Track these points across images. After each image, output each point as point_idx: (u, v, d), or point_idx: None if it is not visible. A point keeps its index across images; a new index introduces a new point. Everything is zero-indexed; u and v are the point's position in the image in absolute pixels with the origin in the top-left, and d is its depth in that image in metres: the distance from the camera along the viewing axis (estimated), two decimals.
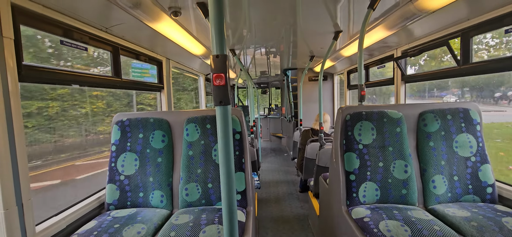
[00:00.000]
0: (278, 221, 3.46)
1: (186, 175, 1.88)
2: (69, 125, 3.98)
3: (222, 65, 0.95)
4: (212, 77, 0.97)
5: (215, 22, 0.93)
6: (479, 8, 1.89)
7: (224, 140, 1.00)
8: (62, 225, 1.57)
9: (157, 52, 2.94)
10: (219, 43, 0.95)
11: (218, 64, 0.95)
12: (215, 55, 0.95)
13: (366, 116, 1.88)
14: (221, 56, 0.95)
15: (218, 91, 0.97)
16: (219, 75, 0.96)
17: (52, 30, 1.62)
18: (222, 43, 0.95)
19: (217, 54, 0.95)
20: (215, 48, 0.95)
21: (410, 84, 3.14)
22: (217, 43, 0.95)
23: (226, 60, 0.96)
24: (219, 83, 0.96)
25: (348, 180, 1.83)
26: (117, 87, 2.32)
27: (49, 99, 3.55)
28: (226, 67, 0.96)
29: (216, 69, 0.96)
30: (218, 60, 0.95)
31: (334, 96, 6.17)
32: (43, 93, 3.45)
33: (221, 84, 0.96)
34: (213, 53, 0.96)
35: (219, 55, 0.95)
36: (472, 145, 1.82)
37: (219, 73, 0.96)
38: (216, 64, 0.96)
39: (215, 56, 0.95)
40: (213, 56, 0.95)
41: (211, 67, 0.96)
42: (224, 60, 0.96)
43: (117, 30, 2.11)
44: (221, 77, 0.96)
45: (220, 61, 0.95)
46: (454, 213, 1.58)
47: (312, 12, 2.43)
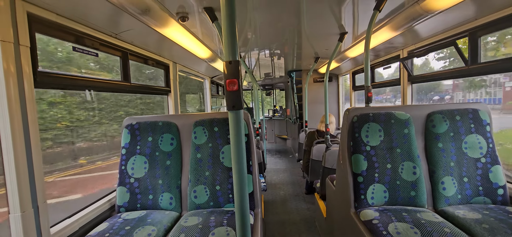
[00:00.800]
0: (284, 223, 3.46)
1: (194, 177, 1.90)
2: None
3: (235, 71, 0.97)
4: (225, 82, 0.99)
5: (227, 29, 0.96)
6: (487, 7, 1.89)
7: (236, 144, 1.02)
8: (75, 227, 1.61)
9: (164, 56, 2.98)
10: (231, 50, 0.97)
11: (231, 70, 0.97)
12: (228, 61, 0.97)
13: (373, 118, 1.88)
14: (234, 62, 0.97)
15: (231, 96, 0.99)
16: (233, 81, 0.98)
17: (65, 37, 1.66)
18: (235, 49, 0.97)
19: (230, 60, 0.97)
20: (228, 54, 0.97)
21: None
22: (229, 50, 0.97)
23: (239, 65, 0.98)
24: (232, 88, 0.98)
25: (356, 182, 1.83)
26: (126, 91, 2.36)
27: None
28: (239, 72, 0.98)
29: (229, 75, 0.98)
30: (231, 66, 0.97)
31: (339, 97, 6.16)
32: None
33: (234, 89, 0.98)
34: (225, 59, 0.98)
35: (232, 61, 0.97)
36: (482, 146, 1.80)
37: (232, 79, 0.98)
38: (229, 70, 0.98)
39: (228, 62, 0.97)
40: (226, 62, 0.97)
41: (224, 73, 0.98)
42: (237, 66, 0.98)
43: (126, 35, 2.15)
44: (234, 83, 0.98)
45: (233, 67, 0.97)
46: (465, 215, 1.57)
47: (317, 14, 2.44)
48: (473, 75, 2.24)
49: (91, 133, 6.49)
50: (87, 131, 6.39)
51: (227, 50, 0.97)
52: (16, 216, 1.27)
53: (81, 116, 6.29)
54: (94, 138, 6.59)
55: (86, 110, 6.41)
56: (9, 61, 1.24)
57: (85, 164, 6.35)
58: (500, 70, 2.01)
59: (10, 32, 1.24)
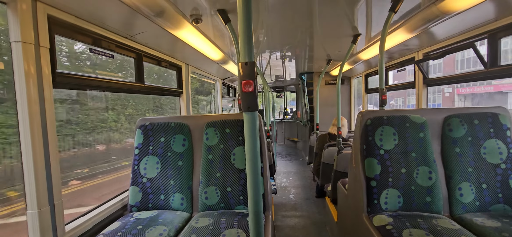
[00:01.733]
0: (295, 227, 3.43)
1: (205, 178, 1.91)
2: None
3: (250, 72, 0.98)
4: (240, 84, 0.99)
5: (244, 30, 0.96)
6: (508, 8, 1.82)
7: (251, 145, 1.02)
8: (89, 225, 1.65)
9: (177, 57, 3.03)
10: (248, 51, 0.97)
11: (247, 71, 0.98)
12: (244, 62, 0.97)
13: (388, 121, 1.84)
14: (250, 63, 0.97)
15: (247, 97, 0.99)
16: (248, 82, 0.98)
17: (83, 39, 1.71)
18: (251, 50, 0.97)
19: (246, 61, 0.97)
20: (243, 55, 0.98)
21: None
22: (246, 50, 0.97)
23: (255, 66, 0.98)
24: (248, 89, 0.98)
25: (369, 186, 1.80)
26: (140, 92, 2.40)
27: None
28: (254, 73, 0.98)
29: (245, 76, 0.98)
30: (247, 67, 0.97)
31: (351, 99, 6.07)
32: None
33: (250, 90, 0.98)
34: (241, 60, 0.98)
35: (248, 62, 0.97)
36: (501, 152, 1.73)
37: (248, 80, 0.98)
38: (245, 71, 0.98)
39: (244, 63, 0.97)
40: (242, 63, 0.98)
41: (240, 74, 0.99)
42: (252, 67, 0.98)
43: (141, 37, 2.19)
44: (250, 84, 0.98)
45: (249, 68, 0.97)
46: (483, 222, 1.51)
47: (330, 15, 2.41)
48: (493, 78, 2.16)
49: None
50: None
51: (243, 51, 0.97)
52: (33, 213, 1.31)
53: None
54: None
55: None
56: (29, 62, 1.28)
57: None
58: None
59: (31, 34, 1.28)
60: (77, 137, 5.26)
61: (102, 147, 5.83)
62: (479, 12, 1.91)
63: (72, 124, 5.07)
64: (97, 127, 5.83)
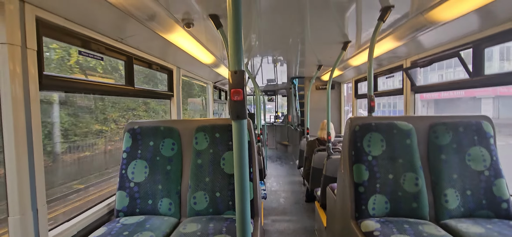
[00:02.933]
0: (284, 232, 3.44)
1: (194, 183, 1.90)
2: None
3: (240, 81, 0.98)
4: (229, 92, 0.99)
5: (233, 39, 0.96)
6: (492, 20, 1.89)
7: (239, 153, 1.02)
8: (73, 231, 1.61)
9: (168, 61, 3.00)
10: (237, 59, 0.97)
11: (236, 80, 0.98)
12: (233, 71, 0.98)
13: (376, 128, 1.87)
14: (239, 71, 0.98)
15: (235, 106, 0.99)
16: (237, 91, 0.98)
17: (72, 41, 1.68)
18: (240, 59, 0.98)
19: (235, 70, 0.98)
20: (233, 64, 0.98)
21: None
22: (235, 60, 0.97)
23: (244, 75, 0.99)
24: (237, 98, 0.98)
25: (357, 192, 1.82)
26: (130, 95, 2.37)
27: None
28: (243, 82, 0.99)
29: (234, 85, 0.98)
30: (236, 76, 0.98)
31: (341, 105, 6.15)
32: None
33: (239, 99, 0.99)
34: (231, 69, 0.98)
35: (237, 71, 0.98)
36: (485, 159, 1.79)
37: (237, 89, 0.98)
38: (234, 79, 0.98)
39: (233, 72, 0.98)
40: (231, 72, 0.98)
41: (229, 83, 0.99)
42: (242, 76, 0.98)
43: (132, 40, 2.17)
44: (239, 93, 0.98)
45: (238, 76, 0.98)
46: (468, 229, 1.55)
47: (321, 22, 2.45)
48: (477, 87, 2.23)
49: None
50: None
51: (233, 60, 0.97)
52: (15, 219, 1.27)
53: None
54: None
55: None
56: (15, 63, 1.25)
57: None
58: (504, 83, 2.01)
59: (18, 36, 1.25)
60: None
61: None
62: (464, 22, 1.97)
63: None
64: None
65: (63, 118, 5.25)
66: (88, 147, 6.12)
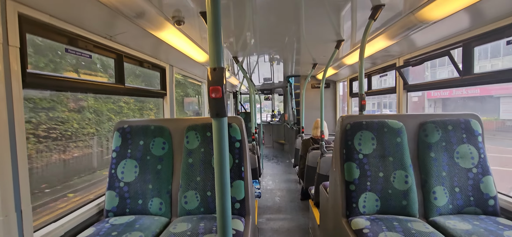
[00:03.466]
0: (278, 230, 3.44)
1: (185, 182, 1.88)
2: None
3: (219, 78, 0.96)
4: (208, 89, 0.98)
5: (213, 35, 0.95)
6: (481, 19, 1.89)
7: (220, 152, 1.01)
8: (60, 232, 1.58)
9: (161, 59, 2.98)
10: (216, 56, 0.96)
11: (215, 77, 0.96)
12: (212, 68, 0.96)
13: (366, 126, 1.87)
14: (218, 68, 0.96)
15: (214, 103, 0.98)
16: (216, 88, 0.97)
17: (58, 39, 1.65)
18: (220, 56, 0.96)
19: (214, 67, 0.96)
20: (212, 61, 0.96)
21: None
22: (214, 56, 0.96)
23: (223, 72, 0.97)
24: (216, 95, 0.97)
25: (348, 190, 1.82)
26: (121, 94, 2.35)
27: None
28: (222, 79, 0.97)
29: (213, 82, 0.97)
30: (215, 73, 0.96)
31: (336, 103, 6.16)
32: None
33: (217, 96, 0.97)
34: (210, 65, 0.97)
35: (216, 68, 0.96)
36: (473, 156, 1.80)
37: (216, 86, 0.97)
38: (213, 76, 0.96)
39: (212, 69, 0.96)
40: (210, 68, 0.96)
41: (208, 80, 0.97)
42: (221, 73, 0.96)
43: (121, 38, 2.14)
44: (218, 90, 0.97)
45: (217, 74, 0.96)
46: (455, 225, 1.56)
47: (315, 20, 2.44)
48: (467, 86, 2.24)
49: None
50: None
51: (212, 56, 0.96)
52: None
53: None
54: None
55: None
56: None
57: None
58: (494, 81, 2.01)
59: None
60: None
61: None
62: (454, 22, 1.98)
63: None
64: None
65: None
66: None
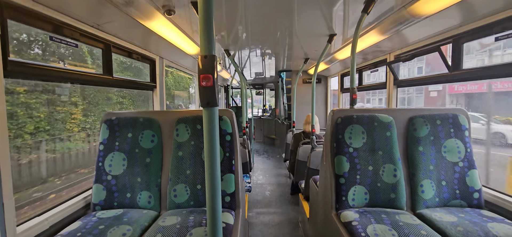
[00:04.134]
0: (269, 224, 3.45)
1: (175, 176, 1.86)
2: None
3: (210, 66, 0.94)
4: (199, 77, 0.95)
5: (204, 22, 0.92)
6: (470, 15, 1.92)
7: (210, 142, 0.99)
8: (45, 226, 1.53)
9: (150, 50, 2.91)
10: (207, 43, 0.94)
11: (206, 65, 0.94)
12: (203, 55, 0.94)
13: (357, 120, 1.88)
14: (210, 56, 0.94)
15: (205, 92, 0.96)
16: (207, 76, 0.94)
17: (41, 26, 1.59)
18: (211, 43, 0.94)
19: (205, 54, 0.94)
20: (203, 48, 0.94)
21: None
22: (205, 43, 0.93)
23: (215, 60, 0.95)
24: (207, 84, 0.95)
25: (338, 183, 1.83)
26: (108, 85, 2.29)
27: None
28: (214, 68, 0.95)
29: (204, 70, 0.94)
30: (206, 61, 0.94)
31: (327, 98, 6.20)
32: None
33: (208, 85, 0.95)
34: (201, 53, 0.94)
35: (207, 55, 0.94)
36: (460, 151, 1.84)
37: (207, 74, 0.94)
38: (204, 64, 0.94)
39: (203, 57, 0.94)
40: (201, 56, 0.94)
41: (199, 68, 0.95)
42: (212, 61, 0.94)
43: (109, 27, 2.08)
44: (209, 78, 0.95)
45: (208, 61, 0.94)
46: (441, 218, 1.60)
47: (307, 14, 2.43)
48: (456, 81, 2.28)
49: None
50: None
51: (203, 43, 0.93)
52: None
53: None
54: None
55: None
56: None
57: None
58: (481, 77, 2.05)
59: None
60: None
61: None
62: (445, 17, 2.00)
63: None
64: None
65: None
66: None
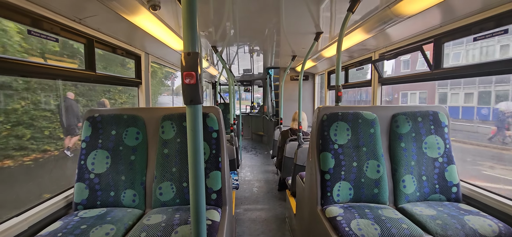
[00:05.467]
0: (256, 220, 3.47)
1: (160, 174, 1.83)
2: None
3: (193, 63, 0.93)
4: (182, 75, 0.94)
5: (188, 18, 0.91)
6: (450, 16, 1.98)
7: (194, 140, 0.98)
8: (24, 227, 1.48)
9: (136, 46, 2.85)
10: (191, 40, 0.93)
11: (189, 62, 0.93)
12: (187, 52, 0.93)
13: (342, 117, 1.92)
14: (193, 53, 0.93)
15: (188, 89, 0.95)
16: (190, 74, 0.93)
17: (19, 19, 1.52)
18: (194, 40, 0.93)
19: (189, 52, 0.93)
20: (186, 45, 0.93)
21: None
22: (189, 40, 0.92)
23: (198, 58, 0.94)
24: (190, 81, 0.94)
25: (323, 179, 1.87)
26: (91, 81, 2.22)
27: None
28: (197, 65, 0.94)
29: (187, 67, 0.93)
30: (190, 58, 0.93)
31: (314, 95, 6.27)
32: None
33: (192, 82, 0.94)
34: (184, 50, 0.93)
35: (190, 52, 0.93)
36: (440, 147, 1.91)
37: (190, 72, 0.93)
38: (187, 62, 0.93)
39: (186, 54, 0.93)
40: (184, 53, 0.93)
41: (182, 65, 0.94)
42: (195, 58, 0.93)
43: (92, 21, 2.02)
44: (192, 76, 0.94)
45: (191, 59, 0.93)
46: (421, 211, 1.66)
47: (294, 12, 2.44)
48: (436, 79, 2.35)
49: None
50: None
51: (186, 40, 0.92)
52: None
53: None
54: None
55: None
56: None
57: None
58: (460, 76, 2.13)
59: None
60: None
61: None
62: (427, 17, 2.06)
63: None
64: None
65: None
66: None
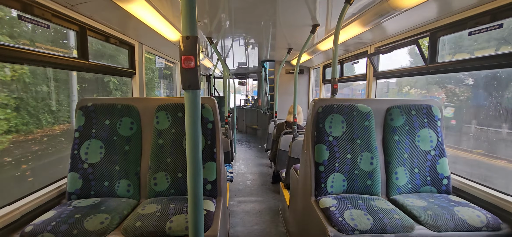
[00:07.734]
0: (249, 212, 3.50)
1: (155, 164, 1.82)
2: None
3: (192, 47, 0.92)
4: (180, 59, 0.93)
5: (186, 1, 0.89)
6: (446, 10, 1.99)
7: (192, 126, 0.97)
8: (16, 216, 1.46)
9: (129, 35, 2.80)
10: (190, 23, 0.91)
11: (188, 46, 0.91)
12: (185, 36, 0.91)
13: (337, 109, 1.93)
14: (192, 37, 0.91)
15: (187, 74, 0.93)
16: (189, 57, 0.92)
17: (9, 4, 1.48)
18: (193, 23, 0.91)
19: (187, 35, 0.91)
20: (185, 29, 0.91)
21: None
22: (188, 23, 0.91)
23: (197, 42, 0.93)
24: (189, 65, 0.93)
25: (318, 171, 1.88)
26: (84, 70, 2.18)
27: None
28: (196, 49, 0.93)
29: (185, 51, 0.92)
30: (188, 42, 0.91)
31: (309, 89, 6.28)
32: None
33: (190, 66, 0.93)
34: (183, 34, 0.92)
35: (189, 36, 0.91)
36: (432, 140, 1.94)
37: (189, 56, 0.92)
38: (186, 45, 0.91)
39: (185, 37, 0.91)
40: (183, 37, 0.91)
41: (181, 49, 0.92)
42: (194, 42, 0.92)
43: (84, 8, 1.97)
44: (191, 59, 0.92)
45: (190, 42, 0.91)
46: (413, 202, 1.69)
47: (291, 4, 2.42)
48: (431, 74, 2.38)
49: None
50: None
51: (185, 24, 0.91)
52: None
53: None
54: None
55: None
56: None
57: None
58: (455, 70, 2.15)
59: None
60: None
61: None
62: (423, 11, 2.06)
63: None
64: None
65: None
66: None
